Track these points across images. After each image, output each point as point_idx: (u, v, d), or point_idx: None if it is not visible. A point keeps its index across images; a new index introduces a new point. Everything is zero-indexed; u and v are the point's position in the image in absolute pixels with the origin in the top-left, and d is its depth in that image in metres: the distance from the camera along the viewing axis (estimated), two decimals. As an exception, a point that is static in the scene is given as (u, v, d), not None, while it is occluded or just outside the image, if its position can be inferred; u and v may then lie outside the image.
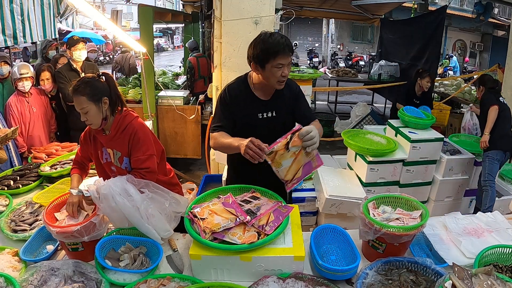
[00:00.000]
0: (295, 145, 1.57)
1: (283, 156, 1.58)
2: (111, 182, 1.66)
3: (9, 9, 3.29)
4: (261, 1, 3.30)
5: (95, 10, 3.18)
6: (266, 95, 1.95)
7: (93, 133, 1.94)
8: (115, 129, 1.86)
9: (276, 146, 1.56)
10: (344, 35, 19.37)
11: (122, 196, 1.63)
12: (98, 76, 1.85)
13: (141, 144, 1.86)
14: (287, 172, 1.61)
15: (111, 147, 1.89)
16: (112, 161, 1.93)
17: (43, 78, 3.54)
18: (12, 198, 2.26)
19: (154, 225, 1.69)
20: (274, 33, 1.82)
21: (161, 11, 6.08)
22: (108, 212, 1.63)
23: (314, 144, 1.57)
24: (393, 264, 1.53)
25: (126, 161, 1.89)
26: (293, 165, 1.60)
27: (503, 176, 3.28)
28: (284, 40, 1.78)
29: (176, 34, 27.67)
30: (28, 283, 1.43)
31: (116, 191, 1.63)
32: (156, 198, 1.75)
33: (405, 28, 7.67)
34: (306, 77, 3.65)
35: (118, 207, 1.62)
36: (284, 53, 1.76)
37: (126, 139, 1.86)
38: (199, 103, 5.02)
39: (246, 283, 1.49)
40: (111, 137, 1.87)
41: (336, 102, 8.58)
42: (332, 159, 3.78)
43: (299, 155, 1.59)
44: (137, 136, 1.85)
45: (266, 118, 1.95)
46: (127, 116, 1.90)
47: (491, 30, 15.35)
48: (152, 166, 1.88)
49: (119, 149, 1.88)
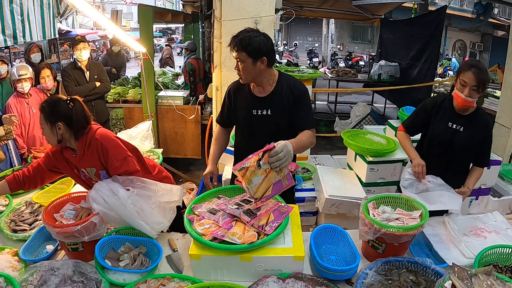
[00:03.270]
0: (266, 163, 1.53)
1: (254, 173, 1.53)
2: (97, 185, 1.70)
3: (9, 9, 3.30)
4: (261, 1, 3.30)
5: (95, 10, 3.18)
6: (262, 92, 1.97)
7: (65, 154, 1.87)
8: (82, 148, 1.81)
9: (247, 162, 1.53)
10: (344, 35, 19.37)
11: (110, 196, 1.65)
12: (67, 100, 1.81)
13: (111, 152, 1.80)
14: (257, 189, 1.56)
15: (84, 166, 1.85)
16: (91, 177, 1.89)
17: (43, 75, 3.54)
18: (12, 198, 2.26)
19: (145, 219, 1.69)
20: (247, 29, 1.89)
21: (161, 11, 6.08)
22: (104, 213, 1.65)
23: (281, 164, 1.52)
24: (393, 264, 1.53)
25: (103, 174, 1.85)
26: (263, 182, 1.54)
27: (503, 176, 3.27)
28: (239, 36, 1.84)
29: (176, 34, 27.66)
30: (28, 283, 1.43)
31: (105, 192, 1.66)
32: (143, 192, 1.76)
33: (405, 28, 7.67)
34: (306, 77, 3.65)
35: (111, 207, 1.64)
36: (229, 45, 1.88)
37: (94, 154, 1.81)
38: (199, 103, 5.02)
39: (246, 283, 1.49)
40: (80, 157, 1.83)
41: (336, 102, 8.58)
42: (332, 159, 3.78)
43: (270, 173, 1.55)
44: (103, 146, 1.80)
45: (260, 115, 1.97)
46: (89, 131, 1.84)
47: (491, 30, 15.35)
48: (131, 167, 1.83)
49: (91, 166, 1.84)
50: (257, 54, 1.83)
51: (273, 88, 1.96)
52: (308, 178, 3.19)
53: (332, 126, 6.75)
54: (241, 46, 1.82)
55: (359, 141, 3.18)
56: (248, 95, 2.00)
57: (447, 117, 2.11)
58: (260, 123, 1.98)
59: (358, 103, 6.98)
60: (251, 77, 1.91)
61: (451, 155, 2.11)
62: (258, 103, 1.97)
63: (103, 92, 3.95)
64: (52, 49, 5.70)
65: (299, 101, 1.95)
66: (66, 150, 1.86)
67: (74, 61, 3.73)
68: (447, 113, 2.12)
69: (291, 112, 1.95)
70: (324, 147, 5.95)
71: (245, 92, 2.01)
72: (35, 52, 3.97)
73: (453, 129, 2.09)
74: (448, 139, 2.10)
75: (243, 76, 1.91)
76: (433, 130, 2.16)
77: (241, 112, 2.02)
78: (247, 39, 1.81)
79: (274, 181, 1.57)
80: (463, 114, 2.08)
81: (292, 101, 1.95)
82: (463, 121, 2.08)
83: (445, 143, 2.11)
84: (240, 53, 1.84)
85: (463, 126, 2.07)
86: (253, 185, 1.54)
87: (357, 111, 6.74)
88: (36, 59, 3.97)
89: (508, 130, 3.87)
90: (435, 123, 2.15)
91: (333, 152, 4.23)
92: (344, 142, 3.17)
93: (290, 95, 1.95)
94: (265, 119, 1.97)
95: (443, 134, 2.11)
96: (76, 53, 3.67)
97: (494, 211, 2.09)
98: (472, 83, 1.91)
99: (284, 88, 1.96)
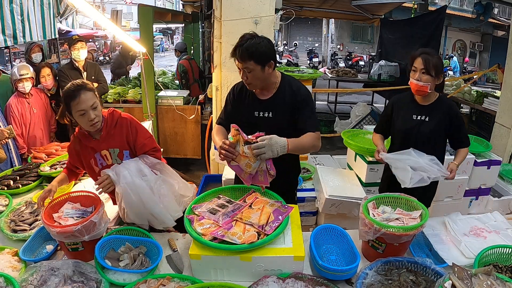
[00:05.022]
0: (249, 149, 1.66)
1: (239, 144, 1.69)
2: (126, 164, 1.77)
3: (9, 9, 3.30)
4: (261, 1, 3.30)
5: (95, 10, 3.18)
6: (265, 94, 1.96)
7: (83, 143, 1.91)
8: (106, 128, 1.89)
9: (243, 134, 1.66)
10: (344, 35, 19.38)
11: (138, 176, 1.73)
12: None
13: (139, 130, 1.94)
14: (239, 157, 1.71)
15: (106, 147, 1.90)
16: (109, 163, 1.93)
17: (44, 74, 3.54)
18: (12, 198, 2.26)
19: (166, 205, 1.76)
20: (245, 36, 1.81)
21: (161, 11, 6.07)
22: (126, 194, 1.70)
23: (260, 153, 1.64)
24: (393, 264, 1.53)
25: (127, 154, 1.93)
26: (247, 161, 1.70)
27: (503, 176, 3.27)
28: (242, 45, 1.77)
29: (176, 34, 27.66)
30: (27, 283, 1.43)
31: (133, 172, 1.73)
32: (167, 179, 1.86)
33: (405, 28, 7.67)
34: (306, 77, 3.65)
35: (135, 188, 1.70)
36: (232, 57, 1.83)
37: (122, 132, 1.90)
38: (199, 103, 5.02)
39: (246, 283, 1.49)
40: (104, 137, 1.89)
41: (336, 102, 8.58)
42: (332, 159, 3.78)
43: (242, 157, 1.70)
44: (132, 124, 1.94)
45: (262, 117, 1.96)
46: (113, 112, 1.94)
47: (491, 30, 15.36)
48: (156, 145, 1.98)
49: (116, 146, 1.90)
50: (265, 59, 1.81)
51: (276, 90, 1.95)
52: (308, 178, 3.18)
53: (332, 126, 6.75)
54: (248, 55, 1.77)
55: (359, 141, 3.18)
56: (250, 97, 1.98)
57: (411, 111, 2.22)
58: (262, 126, 1.93)
59: (358, 103, 6.98)
60: (261, 83, 1.89)
61: (420, 146, 2.15)
62: (261, 105, 1.96)
63: (101, 93, 3.92)
64: (52, 49, 5.68)
65: (302, 105, 1.93)
66: (84, 138, 1.91)
67: (71, 61, 3.68)
68: (410, 107, 2.23)
69: (293, 115, 1.94)
70: (324, 147, 5.95)
71: (248, 94, 1.99)
72: (36, 51, 3.97)
73: (418, 120, 2.19)
74: (416, 131, 2.19)
75: (252, 83, 1.87)
76: (399, 125, 2.27)
77: (243, 114, 2.00)
78: (253, 47, 1.76)
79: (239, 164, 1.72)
80: (426, 104, 2.18)
81: (294, 104, 1.93)
82: (427, 111, 2.17)
83: (413, 135, 2.19)
84: (247, 62, 1.78)
85: (427, 115, 2.17)
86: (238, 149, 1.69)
87: (357, 111, 6.74)
88: (37, 59, 3.97)
89: (508, 130, 3.87)
90: (399, 119, 2.27)
91: (333, 152, 4.22)
92: (344, 142, 3.17)
93: (293, 98, 1.93)
94: (267, 121, 1.95)
95: (409, 126, 2.21)
96: (73, 53, 3.62)
97: (494, 211, 2.09)
98: (421, 66, 2.04)
99: (286, 90, 1.94)
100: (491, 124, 4.45)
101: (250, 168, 1.69)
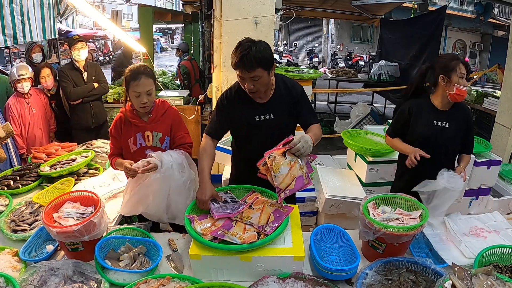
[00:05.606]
0: (289, 155, 1.65)
1: (282, 163, 1.62)
2: (172, 155, 1.94)
3: (9, 9, 3.30)
4: (261, 1, 3.30)
5: (95, 10, 3.19)
6: (263, 97, 1.93)
7: (129, 120, 2.08)
8: (156, 112, 2.11)
9: (270, 154, 1.63)
10: (344, 35, 19.36)
11: (178, 170, 1.90)
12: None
13: (182, 123, 2.19)
14: (283, 180, 1.63)
15: (152, 129, 2.09)
16: (148, 144, 2.10)
17: (44, 75, 3.53)
18: (12, 198, 2.26)
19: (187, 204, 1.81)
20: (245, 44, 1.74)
21: (161, 11, 6.09)
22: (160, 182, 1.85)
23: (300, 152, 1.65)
24: (393, 264, 1.53)
25: (167, 141, 2.12)
26: (288, 174, 1.63)
27: (503, 176, 3.27)
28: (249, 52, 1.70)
29: (176, 34, 27.65)
30: (28, 283, 1.43)
31: (175, 165, 1.90)
32: (195, 180, 1.99)
33: (405, 28, 7.67)
34: (306, 77, 3.65)
35: (171, 180, 1.86)
36: (238, 67, 1.76)
37: (168, 120, 2.13)
38: (199, 103, 5.02)
39: (246, 283, 1.49)
40: (152, 120, 2.10)
41: (336, 102, 8.58)
42: (332, 159, 3.78)
43: (294, 166, 1.64)
44: (178, 117, 2.18)
45: (263, 120, 1.94)
46: (164, 102, 2.18)
47: (491, 30, 15.35)
48: (192, 142, 2.17)
49: (160, 130, 2.10)
50: (270, 64, 1.80)
51: (273, 91, 1.94)
52: (308, 178, 3.18)
53: (332, 126, 6.75)
54: (256, 62, 1.72)
55: (359, 141, 3.18)
56: (249, 102, 1.93)
57: (431, 117, 2.16)
58: (263, 128, 1.95)
59: (358, 103, 6.98)
60: (265, 88, 1.87)
61: (439, 151, 2.12)
62: (260, 109, 1.94)
63: (101, 94, 3.90)
64: (52, 49, 5.69)
65: (299, 100, 1.96)
66: (133, 115, 2.09)
67: (72, 61, 3.67)
68: (430, 113, 2.16)
69: (292, 112, 1.95)
70: (324, 147, 5.95)
71: (245, 99, 1.93)
72: (36, 52, 3.97)
73: (439, 126, 2.14)
74: (437, 137, 2.14)
75: (258, 91, 1.83)
76: (419, 131, 2.18)
77: (241, 119, 1.96)
78: (259, 53, 1.72)
79: (297, 175, 1.64)
80: (445, 110, 2.15)
81: (291, 100, 1.94)
82: (446, 117, 2.14)
83: (433, 141, 2.14)
84: (256, 70, 1.74)
85: (447, 122, 2.13)
86: (280, 174, 1.62)
87: (357, 111, 6.74)
88: (37, 59, 3.97)
89: (508, 130, 3.87)
90: (419, 124, 2.18)
91: (333, 152, 4.22)
92: (344, 142, 3.16)
93: (289, 95, 1.95)
94: (268, 123, 1.95)
95: (430, 133, 2.15)
96: (74, 53, 3.61)
97: (494, 211, 2.09)
98: (465, 71, 2.03)
99: (282, 89, 1.95)
100: (491, 124, 4.46)
101: (303, 168, 1.67)
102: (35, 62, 3.92)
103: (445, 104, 2.14)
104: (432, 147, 2.10)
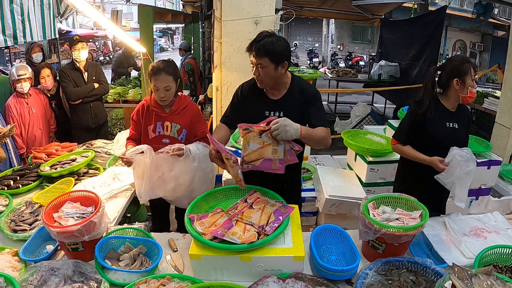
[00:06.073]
0: (266, 135, 1.68)
1: (254, 138, 1.69)
2: (198, 147, 2.15)
3: (9, 9, 3.29)
4: (261, 1, 3.30)
5: (95, 10, 3.19)
6: (276, 94, 1.96)
7: (151, 109, 2.25)
8: (177, 106, 2.27)
9: (253, 127, 1.68)
10: (344, 35, 19.35)
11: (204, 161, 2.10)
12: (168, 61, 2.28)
13: (202, 119, 2.36)
14: (249, 154, 1.72)
15: (171, 120, 2.25)
16: (166, 134, 2.25)
17: (43, 75, 3.53)
18: (12, 198, 2.26)
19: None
20: (264, 34, 1.83)
21: (161, 11, 6.09)
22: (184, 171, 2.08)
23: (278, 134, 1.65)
24: (393, 264, 1.53)
25: (184, 133, 2.28)
26: (257, 151, 1.71)
27: (503, 176, 3.27)
28: (260, 41, 1.79)
29: (176, 34, 27.65)
30: (28, 283, 1.43)
31: (201, 155, 2.11)
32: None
33: (405, 28, 7.67)
34: (306, 77, 3.66)
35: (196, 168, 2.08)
36: (249, 50, 1.85)
37: (188, 114, 2.29)
38: (199, 103, 5.02)
39: (246, 283, 1.49)
40: (173, 112, 2.26)
41: (336, 102, 8.58)
42: (332, 159, 3.78)
43: (265, 147, 1.70)
44: (199, 113, 2.36)
45: (273, 116, 1.94)
46: (186, 97, 2.34)
47: (491, 30, 15.34)
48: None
49: (179, 122, 2.26)
50: (280, 59, 1.81)
51: (287, 90, 1.96)
52: (308, 178, 3.18)
53: (332, 126, 6.74)
54: (264, 51, 1.77)
55: (359, 141, 3.18)
56: (261, 97, 1.97)
57: (443, 118, 2.11)
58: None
59: (358, 103, 6.97)
60: (271, 82, 1.89)
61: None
62: (272, 104, 1.95)
63: (101, 94, 3.90)
64: (52, 49, 5.69)
65: (310, 102, 1.94)
66: (156, 105, 2.24)
67: (72, 61, 3.68)
68: (441, 114, 2.11)
69: (303, 112, 1.94)
70: (324, 147, 5.94)
71: (259, 93, 1.98)
72: (36, 52, 3.97)
73: (451, 127, 2.11)
74: (450, 139, 2.08)
75: (263, 81, 1.88)
76: (432, 132, 2.12)
77: (252, 113, 1.97)
78: (270, 45, 1.77)
79: (265, 156, 1.71)
80: (454, 111, 2.14)
81: (304, 101, 1.94)
82: (455, 117, 2.13)
83: (445, 143, 2.07)
84: (262, 58, 1.79)
85: (457, 122, 2.12)
86: (248, 148, 1.71)
87: (357, 111, 6.74)
88: (37, 59, 3.97)
89: (508, 130, 3.87)
90: (432, 127, 2.11)
91: (333, 152, 4.21)
92: (344, 142, 3.17)
93: (302, 96, 1.95)
94: None
95: (444, 134, 2.10)
96: (74, 53, 3.62)
97: (494, 211, 2.09)
98: (474, 73, 2.05)
99: (296, 89, 1.96)
100: (491, 124, 4.46)
101: (277, 153, 1.69)
102: (35, 62, 3.92)
103: (455, 105, 2.13)
104: (443, 149, 2.04)
